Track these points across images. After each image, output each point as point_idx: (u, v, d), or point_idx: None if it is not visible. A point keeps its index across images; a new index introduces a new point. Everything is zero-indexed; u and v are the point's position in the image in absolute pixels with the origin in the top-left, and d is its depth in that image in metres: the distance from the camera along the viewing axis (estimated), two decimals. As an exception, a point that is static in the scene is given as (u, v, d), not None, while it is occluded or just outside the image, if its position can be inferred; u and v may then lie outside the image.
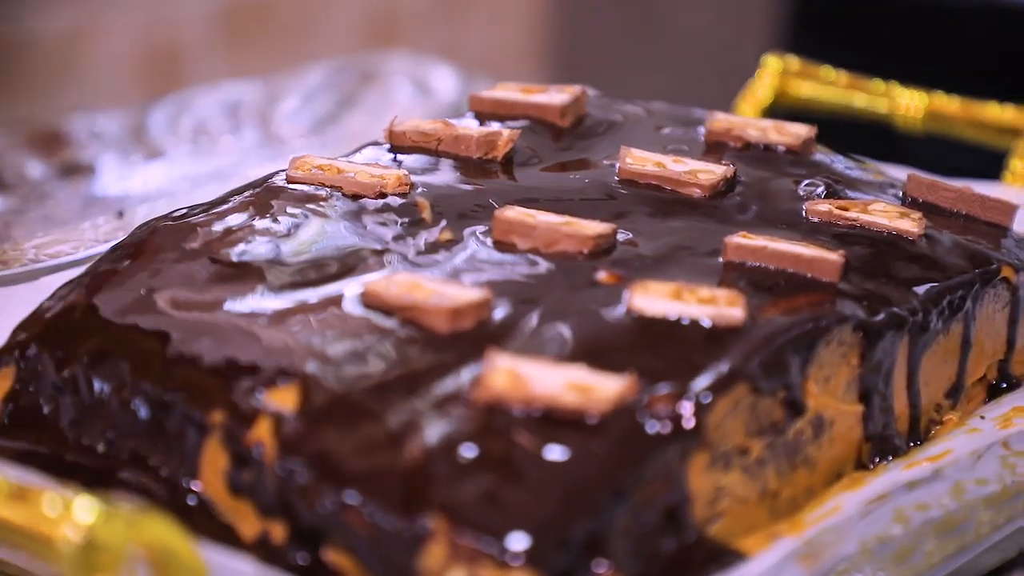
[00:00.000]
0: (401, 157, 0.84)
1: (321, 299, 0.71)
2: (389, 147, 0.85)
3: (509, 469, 0.62)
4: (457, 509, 0.61)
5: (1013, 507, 0.70)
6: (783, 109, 1.10)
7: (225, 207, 0.79)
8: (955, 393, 0.80)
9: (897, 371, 0.75)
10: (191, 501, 0.67)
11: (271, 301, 0.71)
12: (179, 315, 0.70)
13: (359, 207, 0.78)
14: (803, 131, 0.90)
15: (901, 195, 0.85)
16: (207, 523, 0.66)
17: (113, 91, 1.91)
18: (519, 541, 0.60)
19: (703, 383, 0.66)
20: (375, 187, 0.79)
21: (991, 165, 1.04)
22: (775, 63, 1.13)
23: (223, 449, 0.66)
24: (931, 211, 0.83)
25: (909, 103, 1.08)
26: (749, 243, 0.75)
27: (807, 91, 1.11)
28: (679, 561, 0.65)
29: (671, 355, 0.67)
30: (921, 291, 0.76)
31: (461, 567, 0.60)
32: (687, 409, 0.65)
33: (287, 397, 0.65)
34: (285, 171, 0.81)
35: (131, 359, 0.69)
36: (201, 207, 0.79)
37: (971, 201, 0.85)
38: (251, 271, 0.73)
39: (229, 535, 0.65)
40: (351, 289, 0.71)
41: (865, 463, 0.74)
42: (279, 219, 0.77)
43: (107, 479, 0.68)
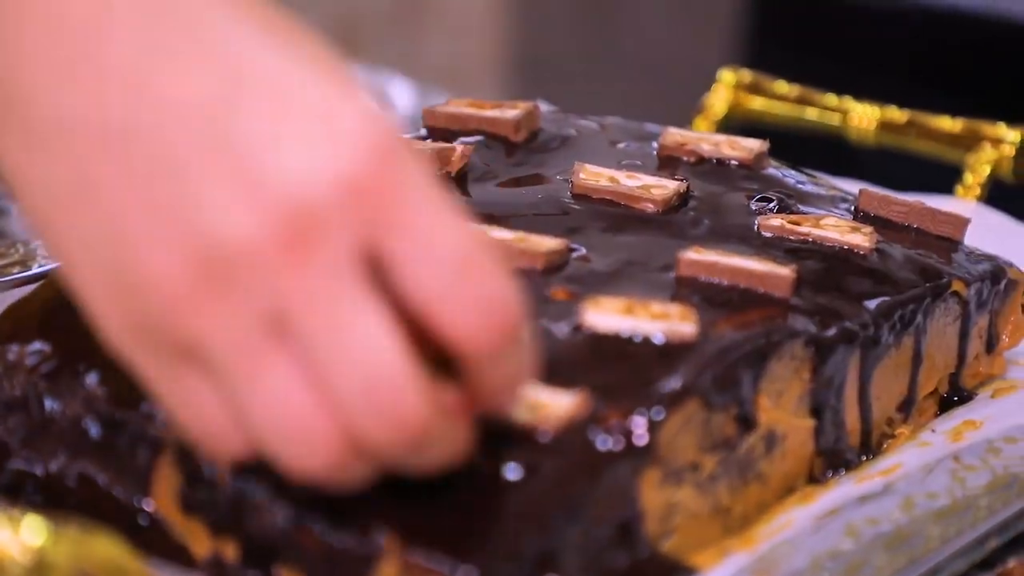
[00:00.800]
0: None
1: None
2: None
3: (461, 487, 0.62)
4: (409, 527, 0.61)
5: (963, 520, 0.70)
6: (737, 123, 1.11)
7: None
8: (907, 407, 0.80)
9: (849, 385, 0.76)
10: (143, 520, 0.66)
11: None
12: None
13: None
14: (756, 145, 0.90)
15: (853, 209, 0.86)
16: (159, 542, 0.66)
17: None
18: (471, 559, 0.60)
19: (655, 399, 0.66)
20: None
21: (944, 179, 1.05)
22: (729, 77, 1.13)
23: (175, 467, 0.66)
24: (883, 225, 0.84)
25: (862, 116, 1.09)
26: (702, 258, 0.75)
27: (760, 105, 1.12)
28: (632, 577, 0.65)
29: (623, 371, 0.68)
30: (872, 305, 0.76)
31: (413, 585, 0.60)
32: (639, 425, 0.65)
33: (239, 415, 0.65)
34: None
35: (83, 378, 0.68)
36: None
37: (923, 215, 0.85)
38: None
39: (181, 554, 0.65)
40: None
41: (817, 477, 0.75)
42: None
43: (57, 499, 0.68)
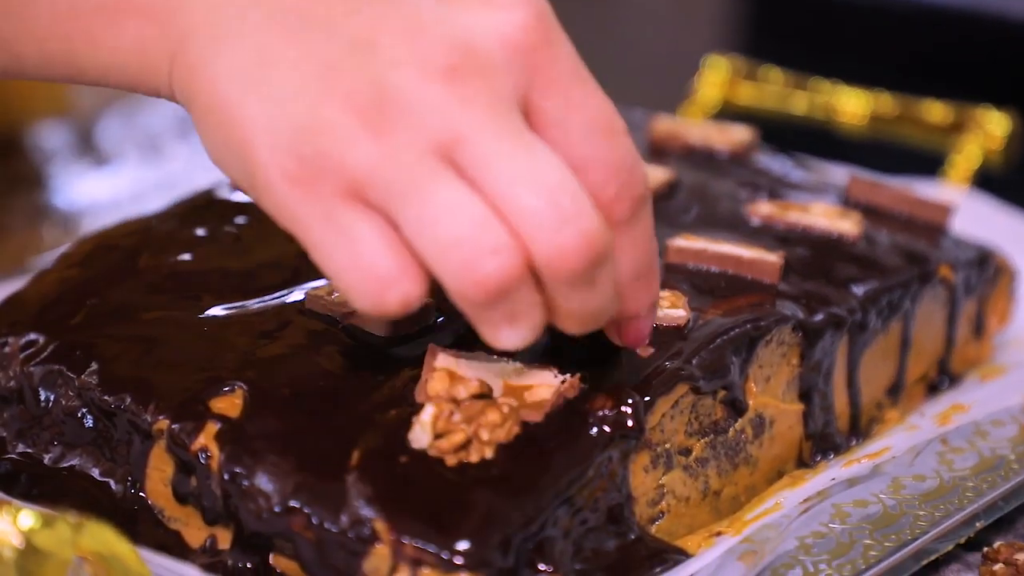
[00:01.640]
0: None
1: (265, 305, 0.71)
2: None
3: (452, 471, 0.62)
4: (401, 512, 0.62)
5: (950, 502, 0.71)
6: (727, 111, 1.12)
7: (170, 216, 0.79)
8: (895, 391, 0.81)
9: (837, 370, 0.76)
10: (137, 509, 0.67)
11: (215, 308, 0.71)
12: (124, 325, 0.71)
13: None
14: (745, 133, 0.91)
15: (842, 196, 0.86)
16: (153, 531, 0.66)
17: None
18: (461, 543, 0.60)
19: (644, 384, 0.67)
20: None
21: (933, 165, 1.06)
22: (719, 64, 1.14)
23: (168, 456, 0.66)
24: (871, 212, 0.84)
25: (852, 103, 1.10)
26: (691, 246, 0.76)
27: (751, 92, 1.12)
28: (622, 560, 0.66)
29: (613, 355, 0.68)
30: (860, 291, 0.77)
31: (404, 570, 0.61)
32: (628, 409, 0.65)
33: (232, 404, 0.66)
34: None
35: (77, 369, 0.69)
36: (147, 217, 0.80)
37: (911, 202, 0.86)
38: (195, 278, 0.73)
39: (175, 542, 0.66)
40: (295, 295, 0.72)
41: (806, 461, 0.75)
42: (223, 227, 0.77)
43: (53, 490, 0.68)
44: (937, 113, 1.08)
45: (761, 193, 0.85)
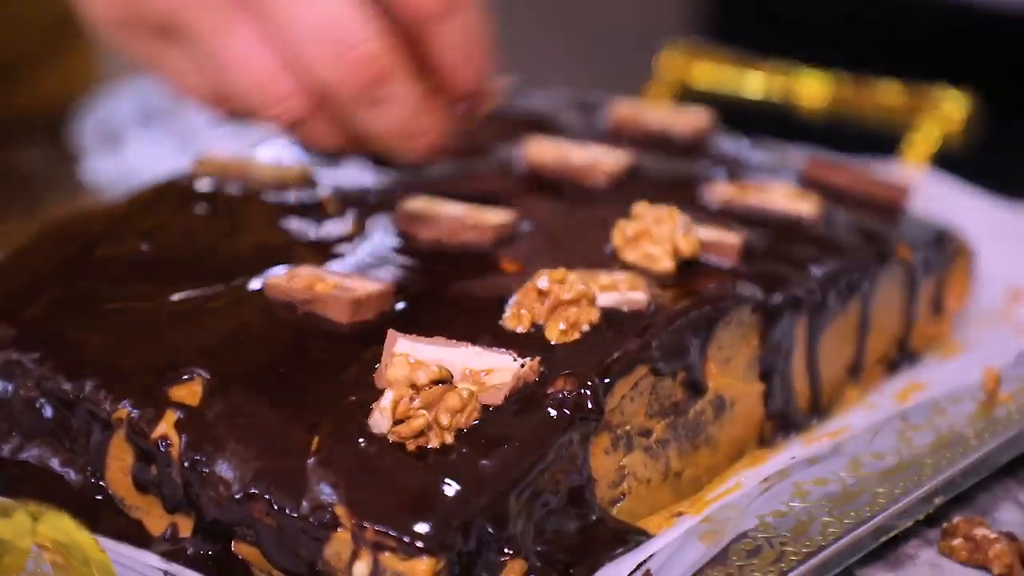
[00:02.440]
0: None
1: (224, 294, 0.71)
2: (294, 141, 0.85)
3: (412, 456, 0.62)
4: (361, 497, 0.62)
5: (908, 479, 0.72)
6: (687, 94, 1.12)
7: (130, 206, 0.79)
8: (855, 370, 0.81)
9: (797, 350, 0.77)
10: (98, 498, 0.67)
11: (174, 296, 0.71)
12: (83, 313, 0.71)
13: (264, 202, 0.78)
14: (703, 116, 0.91)
15: (800, 177, 0.87)
16: (114, 520, 0.66)
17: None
18: (423, 526, 0.61)
19: (603, 365, 0.67)
20: (279, 182, 0.79)
21: (892, 145, 1.06)
22: (679, 48, 1.14)
23: (128, 445, 0.66)
24: (829, 193, 0.85)
25: (811, 84, 1.10)
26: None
27: (710, 75, 1.13)
28: (583, 542, 0.66)
29: (572, 338, 0.68)
30: (818, 272, 0.77)
31: (366, 555, 0.61)
32: (587, 392, 0.66)
33: (191, 392, 0.66)
34: (191, 169, 0.81)
35: (35, 358, 0.69)
36: (107, 206, 0.80)
37: (869, 182, 0.86)
38: (155, 267, 0.73)
39: (137, 531, 0.66)
40: (254, 283, 0.72)
41: (767, 441, 0.76)
42: (182, 216, 0.77)
43: (12, 480, 0.68)
44: (895, 94, 1.08)
45: (720, 175, 0.85)
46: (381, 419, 0.63)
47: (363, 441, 0.63)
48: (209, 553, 0.64)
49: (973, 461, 0.73)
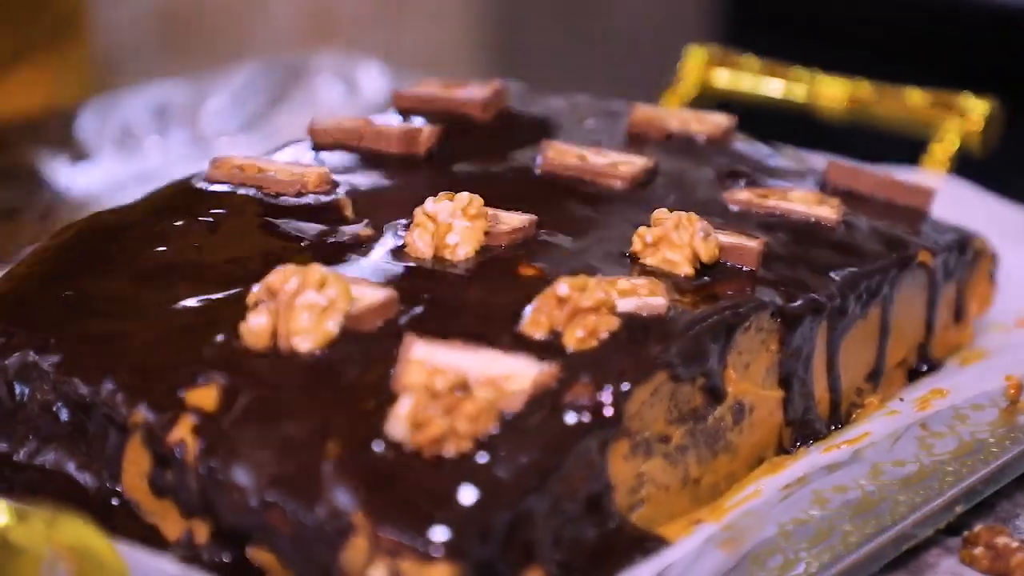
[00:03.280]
0: (323, 155, 0.84)
1: (241, 297, 0.71)
2: (311, 145, 0.85)
3: (429, 463, 0.62)
4: (378, 504, 0.61)
5: (929, 487, 0.71)
6: (708, 99, 1.11)
7: (145, 209, 0.79)
8: (875, 377, 0.81)
9: (816, 356, 0.76)
10: (114, 503, 0.67)
11: (191, 301, 0.71)
12: (99, 317, 0.70)
13: (279, 206, 0.78)
14: (723, 120, 0.90)
15: (821, 182, 0.86)
16: (130, 524, 0.66)
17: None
18: (440, 533, 0.60)
19: (622, 371, 0.66)
20: (295, 185, 0.79)
21: (913, 151, 1.06)
22: (699, 52, 1.13)
23: (145, 450, 0.66)
24: (850, 197, 0.84)
25: (831, 89, 1.10)
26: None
27: (729, 80, 1.12)
28: (602, 549, 0.65)
29: (591, 344, 0.68)
30: (838, 277, 0.77)
31: (383, 561, 0.60)
32: (606, 398, 0.65)
33: (208, 397, 0.65)
34: (206, 172, 0.81)
35: (52, 362, 0.68)
36: (122, 209, 0.79)
37: (890, 187, 0.86)
38: (171, 272, 0.73)
39: (153, 536, 0.66)
40: (270, 287, 0.71)
41: (786, 447, 0.75)
42: (199, 220, 0.77)
43: (30, 484, 0.68)
44: (917, 99, 1.07)
45: (740, 180, 0.84)
46: (398, 425, 0.63)
47: (380, 447, 0.62)
48: (225, 558, 0.64)
49: (994, 469, 0.73)
